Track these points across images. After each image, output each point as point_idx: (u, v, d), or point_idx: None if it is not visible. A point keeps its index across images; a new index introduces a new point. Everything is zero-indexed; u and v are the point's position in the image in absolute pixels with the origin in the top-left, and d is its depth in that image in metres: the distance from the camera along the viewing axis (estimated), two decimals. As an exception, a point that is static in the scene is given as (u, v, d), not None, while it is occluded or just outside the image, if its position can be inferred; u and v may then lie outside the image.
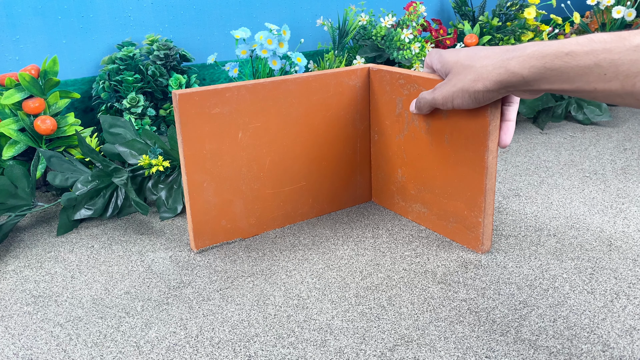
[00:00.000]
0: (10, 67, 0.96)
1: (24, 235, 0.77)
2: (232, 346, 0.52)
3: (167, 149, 0.81)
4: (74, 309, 0.59)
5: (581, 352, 0.49)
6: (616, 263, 0.64)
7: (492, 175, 0.63)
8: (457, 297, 0.58)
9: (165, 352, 0.51)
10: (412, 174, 0.74)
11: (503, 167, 0.97)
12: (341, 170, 0.79)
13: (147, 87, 0.98)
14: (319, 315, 0.56)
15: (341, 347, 0.51)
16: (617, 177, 0.90)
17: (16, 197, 0.76)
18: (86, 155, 0.79)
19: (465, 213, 0.67)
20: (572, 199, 0.82)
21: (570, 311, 0.55)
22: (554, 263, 0.64)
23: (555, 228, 0.73)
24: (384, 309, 0.57)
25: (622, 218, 0.75)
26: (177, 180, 0.82)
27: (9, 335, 0.55)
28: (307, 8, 1.26)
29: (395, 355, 0.50)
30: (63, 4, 0.99)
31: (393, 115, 0.74)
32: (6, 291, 0.63)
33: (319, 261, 0.67)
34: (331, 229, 0.75)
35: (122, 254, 0.70)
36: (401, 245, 0.70)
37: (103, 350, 0.52)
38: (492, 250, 0.68)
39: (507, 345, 0.51)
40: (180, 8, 1.10)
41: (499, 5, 1.25)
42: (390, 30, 1.11)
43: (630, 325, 0.53)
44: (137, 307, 0.59)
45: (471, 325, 0.54)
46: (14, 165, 0.77)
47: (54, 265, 0.68)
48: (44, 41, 0.98)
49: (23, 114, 0.85)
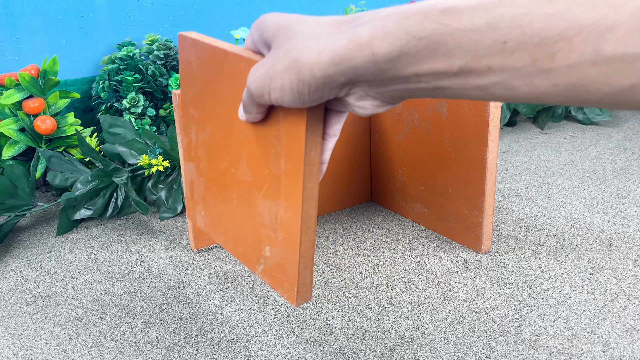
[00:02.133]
0: (10, 67, 0.96)
1: (23, 235, 0.77)
2: (232, 346, 0.52)
3: (167, 149, 0.81)
4: (74, 309, 0.59)
5: (581, 352, 0.49)
6: (616, 263, 0.64)
7: (492, 175, 0.63)
8: (457, 297, 0.58)
9: (165, 352, 0.51)
10: (412, 174, 0.74)
11: (503, 167, 0.96)
12: (341, 170, 0.79)
13: (147, 87, 0.98)
14: (319, 315, 0.56)
15: (341, 347, 0.51)
16: (617, 177, 0.90)
17: (16, 197, 0.76)
18: (86, 155, 0.79)
19: (465, 213, 0.67)
20: (572, 199, 0.82)
21: (571, 311, 0.55)
22: (554, 263, 0.64)
23: (556, 228, 0.73)
24: (384, 309, 0.57)
25: (622, 218, 0.75)
26: (177, 180, 0.82)
27: (9, 336, 0.55)
28: (307, 8, 1.26)
29: (395, 355, 0.50)
30: (63, 4, 0.99)
31: (393, 115, 0.73)
32: (6, 291, 0.63)
33: (319, 261, 0.67)
34: (331, 229, 0.75)
35: (122, 254, 0.70)
36: (401, 245, 0.70)
37: (103, 350, 0.52)
38: (492, 250, 0.68)
39: (507, 345, 0.51)
40: (180, 8, 1.10)
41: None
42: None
43: (630, 325, 0.53)
44: (137, 307, 0.59)
45: (471, 325, 0.54)
46: (13, 165, 0.77)
47: (53, 265, 0.68)
48: (44, 41, 0.98)
49: (23, 113, 0.85)
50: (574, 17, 0.22)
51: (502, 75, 0.25)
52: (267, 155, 0.47)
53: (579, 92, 0.24)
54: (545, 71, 0.24)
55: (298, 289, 0.48)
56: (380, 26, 0.28)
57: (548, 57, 0.24)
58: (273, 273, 0.51)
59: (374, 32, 0.28)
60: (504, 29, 0.24)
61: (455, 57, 0.26)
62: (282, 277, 0.50)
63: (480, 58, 0.25)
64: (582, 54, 0.23)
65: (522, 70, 0.24)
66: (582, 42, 0.22)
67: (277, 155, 0.45)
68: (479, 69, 0.26)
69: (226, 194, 0.55)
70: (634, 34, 0.21)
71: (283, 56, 0.33)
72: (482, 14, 0.25)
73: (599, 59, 0.22)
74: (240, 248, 0.55)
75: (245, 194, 0.51)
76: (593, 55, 0.22)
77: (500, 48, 0.25)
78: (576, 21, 0.22)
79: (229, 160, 0.52)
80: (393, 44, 0.27)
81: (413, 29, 0.27)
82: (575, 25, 0.22)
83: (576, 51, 0.23)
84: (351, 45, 0.28)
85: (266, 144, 0.46)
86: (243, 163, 0.50)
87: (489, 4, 0.25)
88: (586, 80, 0.23)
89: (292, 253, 0.47)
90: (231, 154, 0.52)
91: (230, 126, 0.51)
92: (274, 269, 0.51)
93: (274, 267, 0.51)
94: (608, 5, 0.22)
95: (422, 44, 0.26)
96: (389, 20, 0.27)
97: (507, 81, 0.25)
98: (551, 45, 0.23)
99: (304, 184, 0.43)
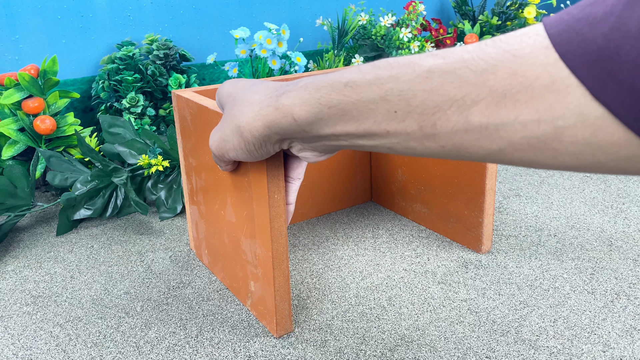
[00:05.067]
0: (9, 67, 0.96)
1: (23, 236, 0.77)
2: (232, 346, 0.52)
3: (167, 148, 0.81)
4: (73, 309, 0.59)
5: (581, 352, 0.49)
6: (616, 263, 0.64)
7: (493, 175, 0.63)
8: (457, 297, 0.58)
9: (165, 352, 0.51)
10: (412, 174, 0.74)
11: (503, 167, 0.96)
12: (341, 170, 0.79)
13: (147, 86, 0.98)
14: (319, 315, 0.56)
15: (341, 347, 0.51)
16: (618, 177, 0.90)
17: (16, 197, 0.76)
18: (86, 155, 0.79)
19: (466, 213, 0.67)
20: (572, 198, 0.82)
21: (571, 311, 0.55)
22: (555, 263, 0.64)
23: (556, 228, 0.73)
24: (384, 309, 0.57)
25: (622, 218, 0.75)
26: (177, 180, 0.82)
27: (9, 336, 0.54)
28: (307, 8, 1.26)
29: (396, 355, 0.50)
30: (63, 4, 0.98)
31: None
32: (6, 291, 0.63)
33: (319, 261, 0.67)
34: (331, 229, 0.75)
35: (121, 254, 0.70)
36: (401, 245, 0.70)
37: (103, 351, 0.52)
38: (493, 251, 0.67)
39: (508, 345, 0.50)
40: (180, 8, 1.10)
41: (498, 4, 1.25)
42: (389, 30, 1.11)
43: (630, 326, 0.53)
44: (137, 307, 0.59)
45: (471, 325, 0.54)
46: (13, 165, 0.77)
47: (53, 265, 0.68)
48: (44, 41, 0.98)
49: (22, 113, 0.85)
50: (446, 93, 0.26)
51: (399, 138, 0.30)
52: (243, 198, 0.51)
53: (462, 153, 0.28)
54: (431, 136, 0.28)
55: (277, 320, 0.52)
56: (298, 96, 0.33)
57: (431, 125, 0.28)
58: (258, 306, 0.55)
59: (293, 101, 0.33)
60: (394, 101, 0.28)
61: (359, 122, 0.31)
62: (264, 309, 0.53)
63: (379, 123, 0.30)
64: (456, 123, 0.27)
65: (413, 135, 0.29)
66: (455, 113, 0.26)
67: (250, 199, 0.49)
68: (380, 132, 0.30)
69: (220, 235, 0.58)
70: (492, 108, 0.25)
71: (230, 122, 0.39)
72: (375, 88, 0.29)
73: (469, 128, 0.26)
74: (234, 283, 0.59)
75: (232, 234, 0.55)
76: (464, 124, 0.26)
77: (393, 116, 0.29)
78: (448, 96, 0.26)
79: (219, 203, 0.56)
80: (309, 112, 0.33)
81: (323, 99, 0.32)
82: (448, 99, 0.26)
83: (451, 120, 0.27)
84: (276, 112, 0.35)
85: (242, 189, 0.51)
86: (229, 206, 0.54)
87: (380, 79, 0.29)
88: (465, 144, 0.27)
89: (269, 287, 0.51)
90: (220, 198, 0.56)
91: (218, 174, 0.55)
92: (258, 303, 0.54)
93: (258, 300, 0.54)
94: (471, 84, 0.25)
95: (332, 112, 0.32)
96: (304, 91, 0.33)
97: (405, 142, 0.30)
98: (431, 115, 0.27)
99: (271, 224, 0.47)
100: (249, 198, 0.49)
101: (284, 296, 0.51)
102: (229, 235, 0.56)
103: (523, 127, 0.24)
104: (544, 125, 0.24)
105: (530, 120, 0.24)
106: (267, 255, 0.49)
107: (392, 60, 0.29)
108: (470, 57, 0.26)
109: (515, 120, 0.25)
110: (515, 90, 0.24)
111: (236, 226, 0.54)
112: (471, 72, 0.25)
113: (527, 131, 0.24)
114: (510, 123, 0.25)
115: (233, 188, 0.52)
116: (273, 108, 0.35)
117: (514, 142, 0.25)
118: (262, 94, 0.37)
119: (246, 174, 0.49)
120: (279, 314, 0.51)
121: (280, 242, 0.48)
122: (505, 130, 0.25)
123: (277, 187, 0.46)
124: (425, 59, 0.27)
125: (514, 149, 0.26)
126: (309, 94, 0.32)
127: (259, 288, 0.53)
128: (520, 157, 0.26)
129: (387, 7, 1.37)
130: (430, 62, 0.27)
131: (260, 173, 0.46)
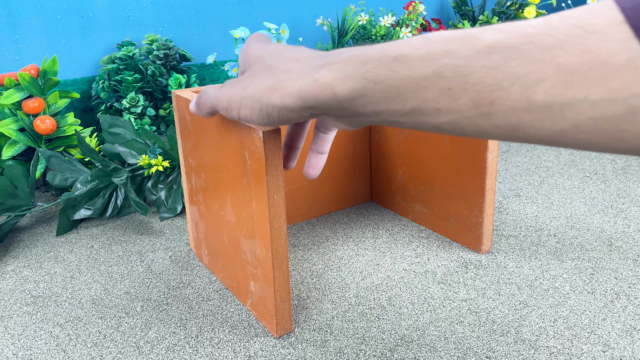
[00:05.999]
0: (9, 67, 0.96)
1: (23, 236, 0.77)
2: (232, 346, 0.52)
3: (167, 148, 0.81)
4: (73, 309, 0.59)
5: (581, 352, 0.49)
6: (616, 263, 0.64)
7: (492, 175, 0.63)
8: (457, 297, 0.58)
9: (165, 352, 0.51)
10: (412, 174, 0.74)
11: (503, 167, 0.96)
12: (341, 170, 0.79)
13: (147, 86, 0.98)
14: (319, 315, 0.56)
15: (341, 347, 0.51)
16: (618, 177, 0.90)
17: (16, 197, 0.76)
18: (86, 155, 0.79)
19: (466, 213, 0.67)
20: (572, 199, 0.82)
21: (571, 311, 0.55)
22: (554, 263, 0.64)
23: (556, 228, 0.73)
24: (384, 309, 0.57)
25: (622, 218, 0.75)
26: (177, 180, 0.82)
27: (9, 336, 0.54)
28: (307, 7, 1.26)
29: (396, 355, 0.50)
30: (63, 4, 0.98)
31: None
32: (6, 291, 0.63)
33: (319, 261, 0.67)
34: (331, 229, 0.75)
35: (121, 254, 0.70)
36: (401, 245, 0.70)
37: (103, 351, 0.52)
38: (493, 251, 0.67)
39: (508, 345, 0.50)
40: (180, 8, 1.10)
41: (498, 4, 1.25)
42: (389, 30, 1.11)
43: (630, 326, 0.53)
44: (137, 307, 0.59)
45: (471, 325, 0.54)
46: (13, 165, 0.77)
47: (53, 265, 0.68)
48: (44, 41, 0.98)
49: (22, 113, 0.85)
50: (509, 70, 0.25)
51: (449, 117, 0.28)
52: (243, 198, 0.51)
53: (518, 134, 0.27)
54: (487, 115, 0.26)
55: (277, 320, 0.51)
56: (341, 69, 0.31)
57: (488, 103, 0.26)
58: (258, 306, 0.55)
59: (335, 75, 0.31)
60: (449, 77, 0.27)
61: (407, 99, 0.29)
62: (264, 309, 0.53)
63: (429, 101, 0.28)
64: (517, 102, 0.25)
65: (466, 113, 0.27)
66: (517, 92, 0.25)
67: (250, 199, 0.49)
68: (429, 110, 0.28)
69: (220, 235, 0.59)
70: (559, 87, 0.24)
71: (258, 81, 0.37)
72: (428, 63, 0.27)
73: (531, 107, 0.25)
74: (234, 284, 0.59)
75: (232, 234, 0.55)
76: (526, 103, 0.25)
77: (447, 94, 0.27)
78: (511, 73, 0.25)
79: (219, 203, 0.56)
80: (352, 87, 0.30)
81: (369, 74, 0.29)
82: (510, 77, 0.25)
83: (512, 99, 0.25)
84: (315, 84, 0.32)
85: (241, 189, 0.50)
86: (229, 206, 0.54)
87: (434, 54, 0.27)
88: (523, 124, 0.26)
89: (269, 288, 0.51)
90: (219, 198, 0.56)
91: (218, 174, 0.55)
92: (258, 303, 0.54)
93: (258, 300, 0.54)
94: (537, 60, 0.24)
95: (378, 88, 0.29)
96: (348, 65, 0.30)
97: (455, 121, 0.28)
98: (490, 93, 0.26)
99: (271, 224, 0.47)
100: (249, 198, 0.49)
101: (284, 296, 0.51)
102: (228, 236, 0.56)
103: (592, 107, 0.23)
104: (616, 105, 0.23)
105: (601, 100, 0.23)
106: (267, 255, 0.49)
107: (446, 34, 0.27)
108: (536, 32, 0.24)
109: (584, 99, 0.23)
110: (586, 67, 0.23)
111: (236, 226, 0.54)
112: (537, 48, 0.24)
113: (595, 111, 0.23)
114: (578, 102, 0.23)
115: (233, 188, 0.52)
116: (312, 79, 0.32)
117: (578, 123, 0.24)
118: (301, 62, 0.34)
119: (245, 174, 0.49)
120: (279, 314, 0.51)
121: (280, 242, 0.48)
122: (572, 110, 0.24)
123: (277, 187, 0.46)
124: (484, 33, 0.26)
125: (577, 130, 0.24)
126: (353, 67, 0.30)
127: (258, 288, 0.53)
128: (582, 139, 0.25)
129: (387, 7, 1.37)
130: (491, 36, 0.26)
131: (260, 173, 0.46)
